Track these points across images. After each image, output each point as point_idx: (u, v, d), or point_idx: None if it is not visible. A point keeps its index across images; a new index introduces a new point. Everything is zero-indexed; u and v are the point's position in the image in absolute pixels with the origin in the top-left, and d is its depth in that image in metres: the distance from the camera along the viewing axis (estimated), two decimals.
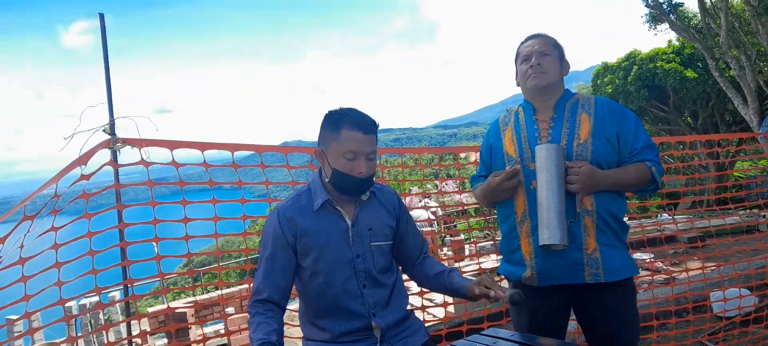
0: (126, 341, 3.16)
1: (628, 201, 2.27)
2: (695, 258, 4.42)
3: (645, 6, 15.12)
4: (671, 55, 17.36)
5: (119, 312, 7.73)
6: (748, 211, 6.86)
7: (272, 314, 1.86)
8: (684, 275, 4.24)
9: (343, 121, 1.86)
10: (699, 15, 14.14)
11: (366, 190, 1.95)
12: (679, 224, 4.82)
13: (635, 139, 2.11)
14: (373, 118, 1.91)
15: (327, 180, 1.94)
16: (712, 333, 4.11)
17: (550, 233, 1.96)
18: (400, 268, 2.21)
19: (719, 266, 4.14)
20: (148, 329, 6.47)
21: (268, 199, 3.27)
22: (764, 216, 7.23)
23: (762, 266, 4.52)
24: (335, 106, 1.96)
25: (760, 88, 13.24)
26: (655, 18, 15.74)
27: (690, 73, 16.61)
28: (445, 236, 11.13)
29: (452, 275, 2.05)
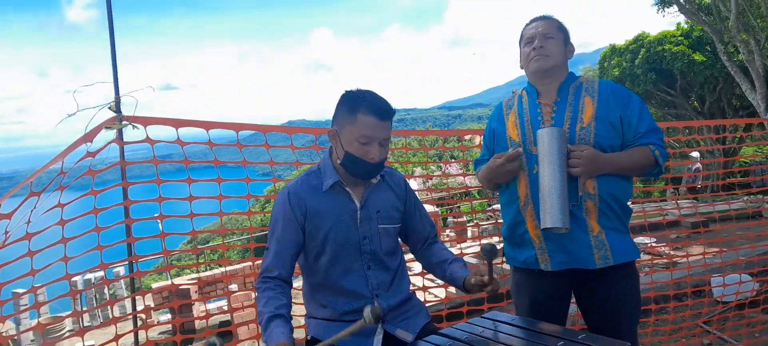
0: (131, 316, 3.20)
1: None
2: (698, 243, 4.42)
3: None
4: (680, 38, 17.22)
5: (124, 288, 7.82)
6: (752, 197, 6.83)
7: (282, 290, 1.88)
8: (685, 259, 4.25)
9: (361, 105, 1.85)
10: None
11: (376, 174, 1.97)
12: (682, 209, 4.81)
13: (639, 122, 2.09)
14: (390, 104, 1.90)
15: (338, 162, 1.94)
16: (710, 318, 4.14)
17: (551, 217, 1.97)
18: (406, 248, 2.23)
19: (721, 251, 4.14)
20: (153, 305, 6.54)
21: (272, 178, 3.29)
22: None
23: (764, 253, 4.52)
24: (342, 87, 1.95)
25: None
26: (664, 0, 15.57)
27: (698, 57, 16.48)
28: (448, 218, 11.16)
29: (453, 266, 2.06)
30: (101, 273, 2.84)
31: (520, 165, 2.15)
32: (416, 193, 2.23)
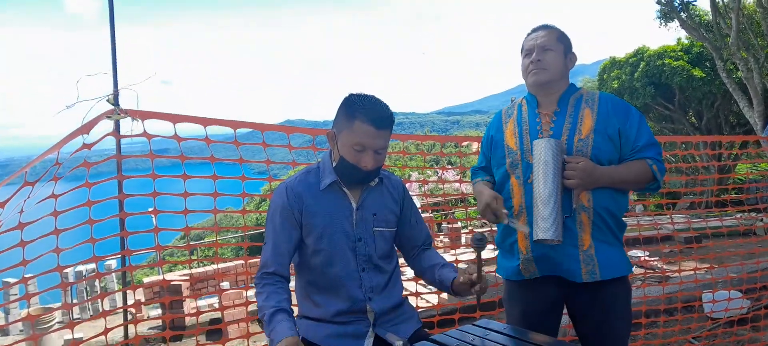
0: (121, 311, 3.19)
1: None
2: (690, 259, 4.43)
3: (656, 2, 15.03)
4: (679, 53, 17.27)
5: (115, 281, 7.79)
6: (746, 214, 6.86)
7: (282, 286, 1.90)
8: (677, 274, 4.26)
9: (359, 112, 1.84)
10: (710, 14, 14.03)
11: (370, 181, 1.97)
12: (676, 224, 4.82)
13: (638, 136, 2.09)
14: (390, 112, 1.89)
15: (333, 165, 1.95)
16: (699, 334, 4.15)
17: (544, 228, 1.97)
18: (399, 253, 2.23)
19: (712, 267, 4.14)
20: (143, 300, 6.52)
21: (268, 177, 3.28)
22: (762, 220, 7.24)
23: (754, 270, 4.54)
24: (341, 88, 1.95)
25: (767, 91, 13.17)
26: (666, 15, 15.63)
27: (697, 72, 16.54)
28: (442, 224, 11.17)
29: (443, 269, 2.05)
30: (92, 266, 2.82)
31: (516, 174, 2.15)
32: (412, 197, 2.23)
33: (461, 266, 2.52)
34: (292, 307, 1.89)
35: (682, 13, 14.58)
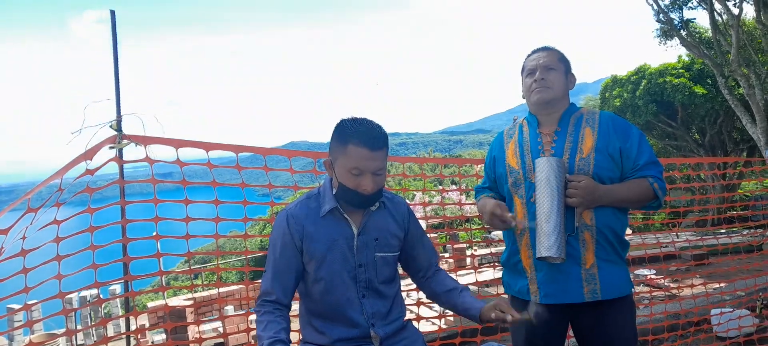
0: (125, 336, 3.17)
1: (630, 217, 2.25)
2: (697, 276, 4.39)
3: (656, 20, 15.10)
4: (681, 71, 17.31)
5: (119, 306, 7.76)
6: (752, 230, 6.81)
7: (280, 314, 1.87)
8: (685, 292, 4.22)
9: (351, 136, 1.81)
10: (710, 31, 14.09)
11: (372, 204, 1.93)
12: (681, 242, 4.78)
13: (638, 155, 2.10)
14: (383, 132, 1.85)
15: (333, 192, 1.93)
16: None
17: (547, 246, 1.97)
18: (406, 274, 2.20)
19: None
20: (147, 325, 6.48)
21: (270, 201, 3.28)
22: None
23: (763, 287, 4.49)
24: (344, 108, 1.94)
25: None
26: (666, 33, 15.70)
27: (699, 90, 16.56)
28: (446, 245, 11.12)
29: (464, 294, 2.03)
30: (96, 291, 2.82)
31: (519, 193, 2.16)
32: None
33: (471, 287, 2.50)
34: (292, 333, 1.87)
35: (682, 31, 14.64)
